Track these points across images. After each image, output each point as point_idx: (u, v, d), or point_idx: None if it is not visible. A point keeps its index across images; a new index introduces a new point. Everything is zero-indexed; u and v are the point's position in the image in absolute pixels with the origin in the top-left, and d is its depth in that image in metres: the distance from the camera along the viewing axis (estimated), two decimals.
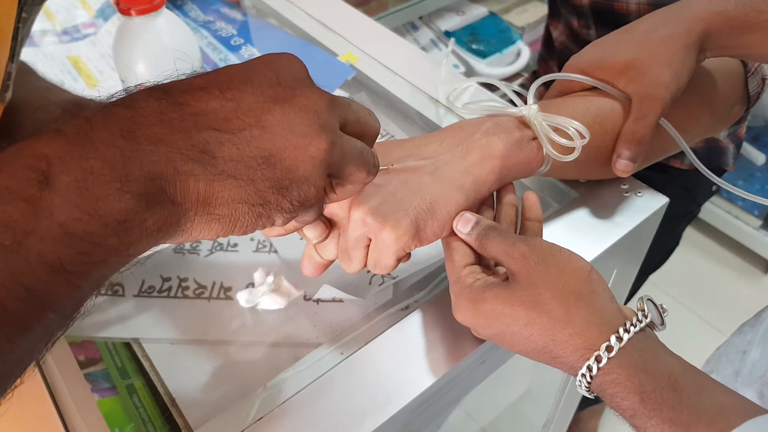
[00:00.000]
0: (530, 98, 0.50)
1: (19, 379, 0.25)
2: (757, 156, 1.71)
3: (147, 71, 0.51)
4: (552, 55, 1.00)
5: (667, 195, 0.59)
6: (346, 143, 0.34)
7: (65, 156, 0.24)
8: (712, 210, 1.76)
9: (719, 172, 1.02)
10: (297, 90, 0.31)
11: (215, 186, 0.28)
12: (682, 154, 0.95)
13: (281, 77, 0.31)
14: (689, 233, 1.13)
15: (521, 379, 0.88)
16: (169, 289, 0.55)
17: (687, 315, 1.64)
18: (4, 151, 0.24)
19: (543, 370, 0.87)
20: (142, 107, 0.27)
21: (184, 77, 0.30)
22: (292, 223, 0.38)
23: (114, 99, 0.28)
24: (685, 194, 0.99)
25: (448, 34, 1.72)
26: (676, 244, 1.15)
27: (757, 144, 1.73)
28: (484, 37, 1.73)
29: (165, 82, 0.29)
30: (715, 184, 1.06)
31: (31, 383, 0.46)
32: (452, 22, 1.76)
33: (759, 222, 1.69)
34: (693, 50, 0.50)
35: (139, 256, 0.27)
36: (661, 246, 1.12)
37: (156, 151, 0.26)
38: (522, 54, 1.72)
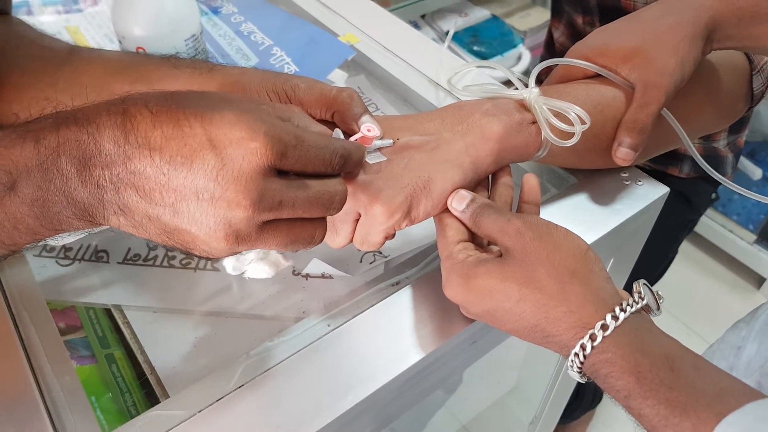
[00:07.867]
0: (531, 82, 0.49)
1: None
2: (753, 171, 1.71)
3: (145, 33, 0.50)
4: (554, 57, 0.99)
5: (666, 204, 0.57)
6: (276, 230, 0.34)
7: (32, 169, 0.30)
8: (707, 223, 1.76)
9: (717, 181, 1.01)
10: (227, 191, 0.31)
11: (134, 228, 0.33)
12: (680, 162, 0.95)
13: (223, 170, 0.31)
14: (683, 246, 1.14)
15: (510, 374, 0.87)
16: (155, 258, 0.54)
17: (678, 327, 1.63)
18: None
19: (533, 364, 0.86)
20: (103, 147, 0.30)
21: (156, 107, 0.31)
22: None
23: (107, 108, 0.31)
24: (684, 203, 0.99)
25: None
26: (675, 254, 1.14)
27: (754, 159, 1.73)
28: (485, 40, 1.73)
29: (138, 118, 0.31)
30: (714, 192, 1.04)
31: (4, 344, 0.44)
32: (455, 23, 1.75)
33: (753, 237, 1.69)
34: (699, 39, 0.50)
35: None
36: (663, 256, 1.11)
37: (94, 192, 0.31)
38: (523, 58, 1.72)
